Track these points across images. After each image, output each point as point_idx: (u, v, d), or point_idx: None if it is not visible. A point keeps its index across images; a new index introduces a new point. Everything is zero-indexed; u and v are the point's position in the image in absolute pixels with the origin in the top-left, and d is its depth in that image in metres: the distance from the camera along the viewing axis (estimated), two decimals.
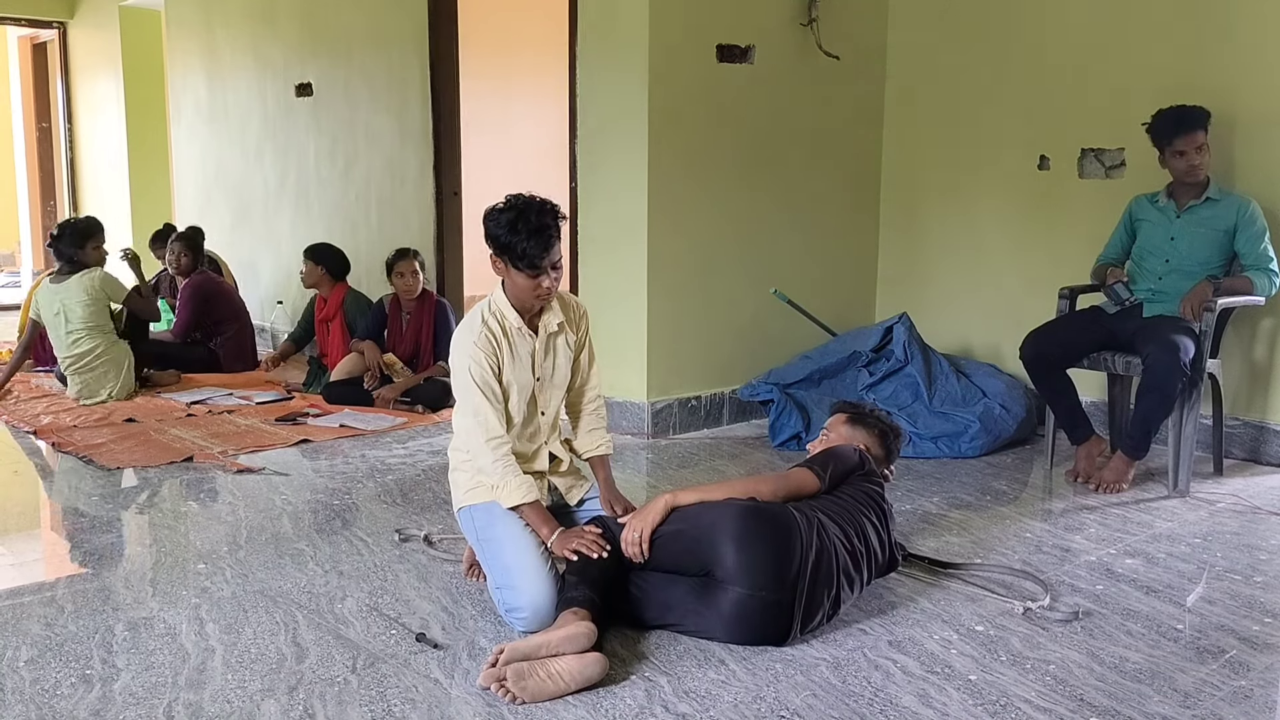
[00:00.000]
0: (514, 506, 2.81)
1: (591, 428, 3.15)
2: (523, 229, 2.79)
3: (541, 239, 2.80)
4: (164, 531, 3.63)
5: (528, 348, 2.95)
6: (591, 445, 3.15)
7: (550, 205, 2.86)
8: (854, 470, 3.00)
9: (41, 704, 2.38)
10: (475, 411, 2.84)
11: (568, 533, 2.80)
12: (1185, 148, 4.08)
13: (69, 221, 5.87)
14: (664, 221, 4.78)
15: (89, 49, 9.68)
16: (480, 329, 2.89)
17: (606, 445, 3.16)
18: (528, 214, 2.81)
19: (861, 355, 4.86)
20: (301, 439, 4.81)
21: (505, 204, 2.87)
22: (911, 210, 5.55)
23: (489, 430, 2.82)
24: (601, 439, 3.16)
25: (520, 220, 2.80)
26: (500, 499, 2.82)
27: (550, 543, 2.79)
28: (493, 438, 2.82)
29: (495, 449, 2.81)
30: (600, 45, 4.82)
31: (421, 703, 2.38)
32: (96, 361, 5.50)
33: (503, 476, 2.81)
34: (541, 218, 2.81)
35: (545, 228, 2.81)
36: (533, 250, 2.80)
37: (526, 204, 2.84)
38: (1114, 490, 4.02)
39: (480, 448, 2.82)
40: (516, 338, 2.92)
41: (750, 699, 2.41)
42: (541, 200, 2.86)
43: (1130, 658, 2.64)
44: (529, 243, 2.79)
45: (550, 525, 2.82)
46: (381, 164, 6.52)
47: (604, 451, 3.15)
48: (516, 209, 2.83)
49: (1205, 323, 3.97)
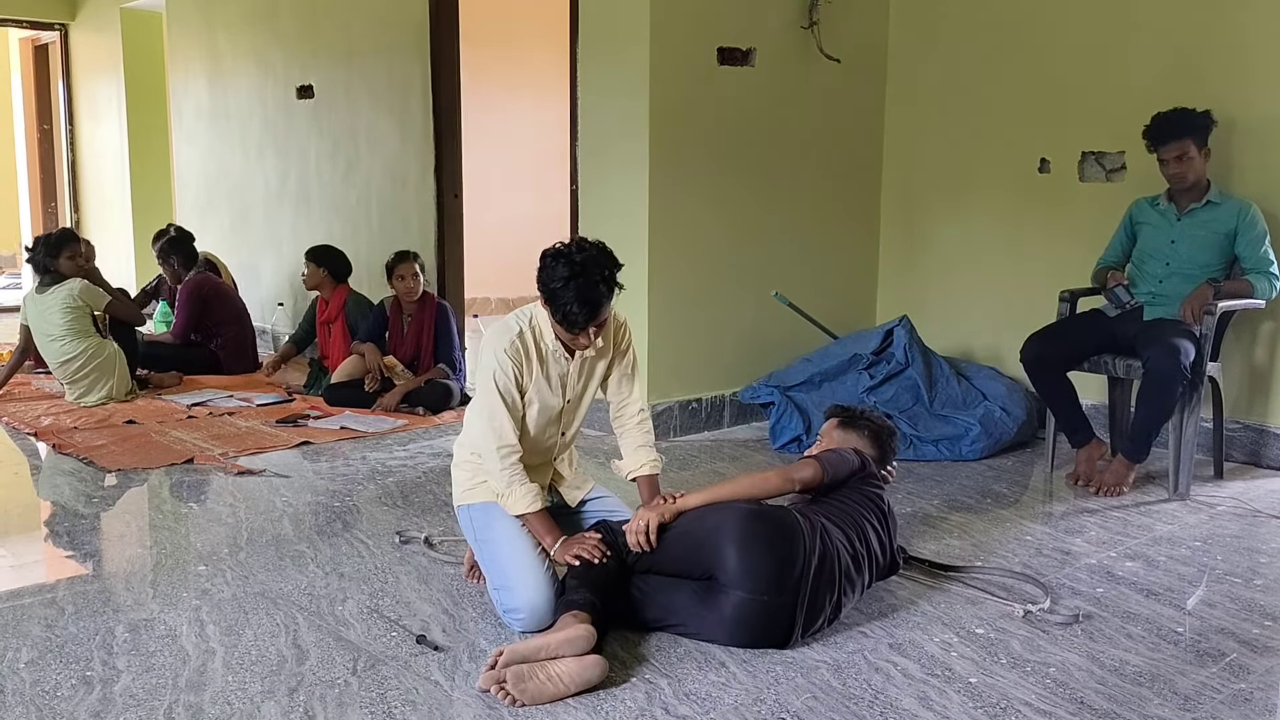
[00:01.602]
0: (519, 515, 2.80)
1: (639, 444, 3.04)
2: (573, 290, 2.66)
3: (589, 308, 2.69)
4: (164, 533, 3.64)
5: (560, 370, 2.89)
6: (637, 464, 3.03)
7: (610, 266, 2.72)
8: (855, 472, 2.99)
9: (42, 705, 2.38)
10: (491, 416, 2.80)
11: (569, 540, 2.79)
12: (1166, 156, 4.11)
13: (44, 235, 5.89)
14: (665, 223, 4.79)
15: (90, 51, 9.68)
16: (514, 339, 2.81)
17: (653, 465, 3.03)
18: (582, 276, 2.67)
19: (862, 358, 4.86)
20: (302, 441, 4.81)
21: (565, 251, 2.72)
22: (912, 213, 5.55)
23: (501, 438, 2.79)
24: (648, 457, 3.03)
25: (573, 280, 2.66)
26: (506, 506, 2.81)
27: (553, 551, 2.77)
28: (504, 445, 2.78)
29: (505, 457, 2.78)
30: (601, 47, 4.83)
31: (422, 705, 2.38)
32: (87, 366, 5.51)
33: (509, 484, 2.79)
34: (595, 287, 2.67)
35: (597, 298, 2.68)
36: (577, 316, 2.69)
37: (585, 263, 2.68)
38: (1114, 493, 4.03)
39: (490, 453, 2.80)
40: (551, 360, 2.86)
41: (751, 701, 2.41)
42: (602, 258, 2.71)
43: (1130, 661, 2.64)
44: (575, 307, 2.68)
45: (553, 534, 2.79)
46: (382, 166, 6.52)
47: (649, 471, 3.02)
48: (574, 266, 2.67)
49: (1206, 326, 3.98)
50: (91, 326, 5.59)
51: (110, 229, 9.52)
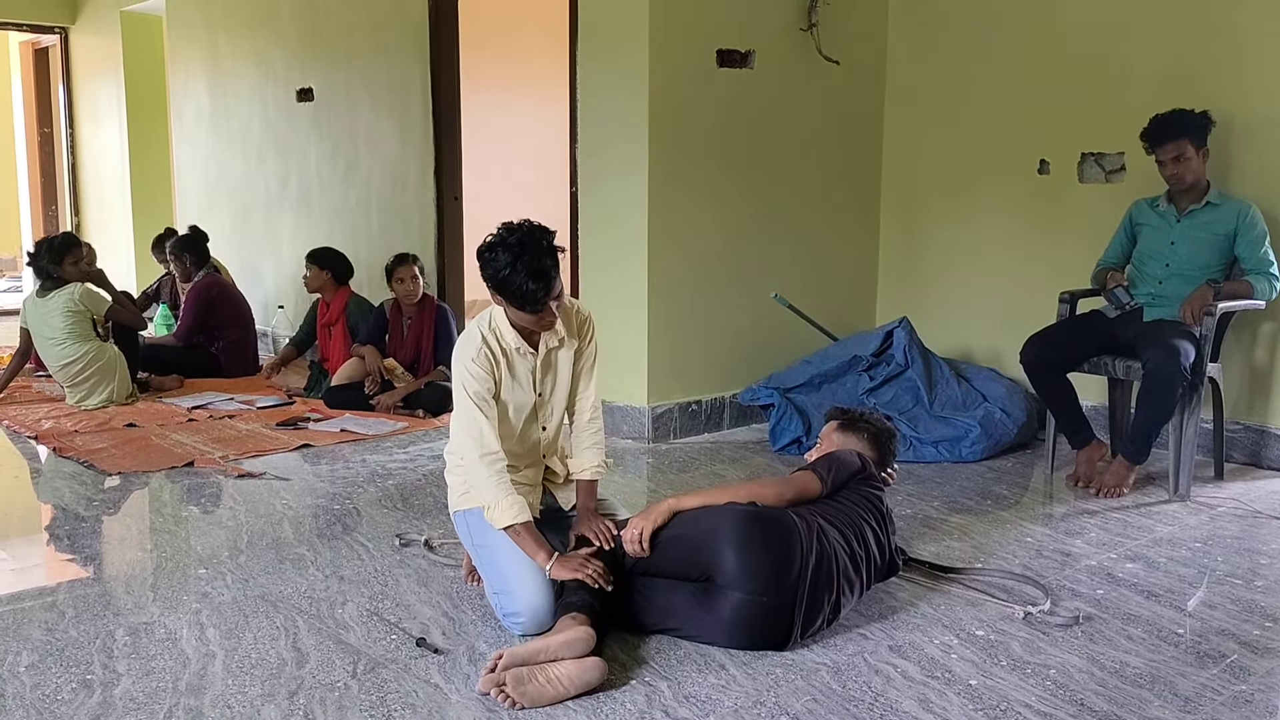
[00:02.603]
0: (506, 527, 2.74)
1: (587, 446, 3.01)
2: (522, 269, 2.66)
3: (542, 280, 2.67)
4: (165, 536, 3.64)
5: (527, 366, 2.88)
6: (579, 467, 3.00)
7: (548, 238, 2.72)
8: (855, 475, 2.99)
9: (42, 709, 2.38)
10: (468, 427, 2.78)
11: (565, 559, 2.73)
12: (1163, 158, 4.11)
13: (44, 240, 5.88)
14: (664, 225, 4.79)
15: (91, 54, 9.69)
16: (480, 346, 2.81)
17: (596, 470, 2.98)
18: (525, 254, 2.66)
19: (862, 360, 4.86)
20: (302, 444, 4.81)
21: (499, 239, 2.71)
22: (911, 214, 5.55)
23: (483, 445, 2.76)
24: (592, 461, 2.98)
25: (518, 261, 2.66)
26: (492, 518, 2.75)
27: (548, 569, 2.71)
28: (486, 453, 2.75)
29: (489, 465, 2.74)
30: (600, 49, 4.83)
31: (422, 708, 2.38)
32: (88, 370, 5.51)
33: (495, 495, 2.73)
34: (540, 258, 2.67)
35: (544, 269, 2.67)
36: (536, 291, 2.67)
37: (522, 242, 2.68)
38: (1114, 495, 4.02)
39: (475, 463, 2.77)
40: (515, 358, 2.86)
41: (750, 704, 2.41)
42: (537, 233, 2.71)
43: (1131, 662, 2.64)
44: (530, 284, 2.66)
45: (545, 550, 2.73)
46: (382, 169, 6.53)
47: (591, 477, 2.98)
48: (513, 249, 2.67)
49: (1206, 327, 3.97)
50: (92, 330, 5.60)
51: (110, 232, 9.53)
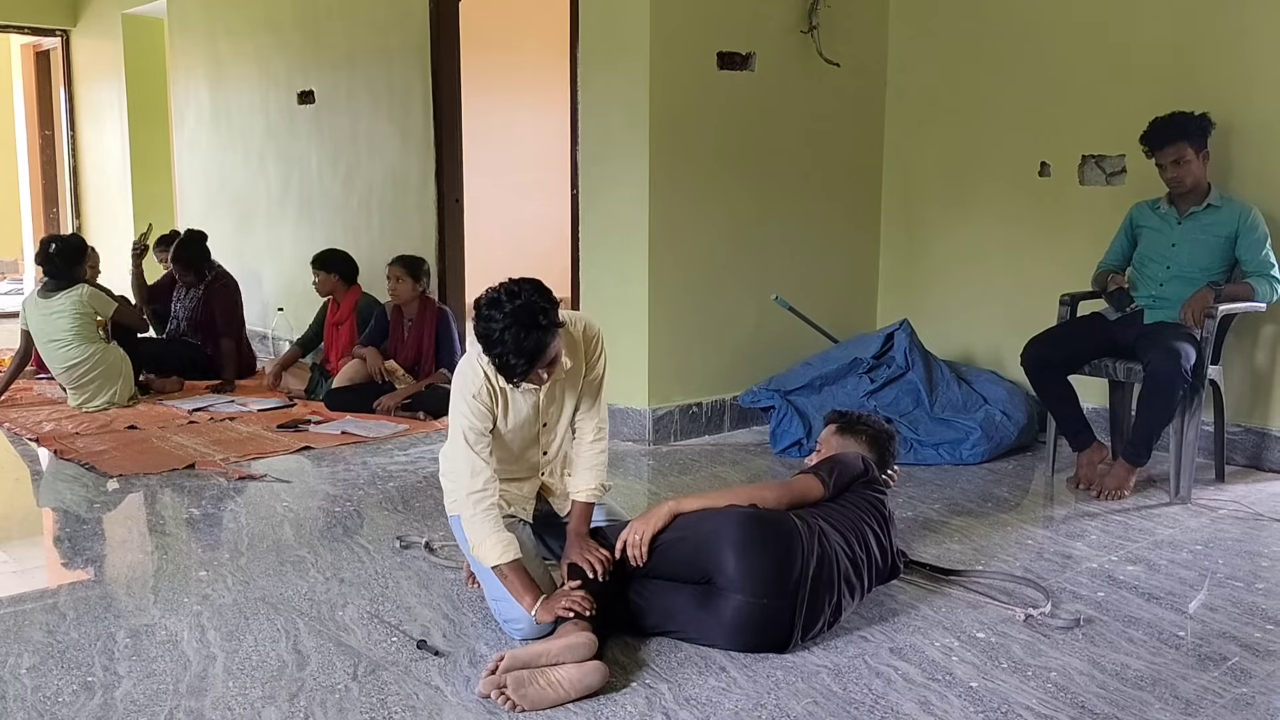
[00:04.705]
0: (493, 566, 2.68)
1: (588, 466, 2.89)
2: (510, 341, 2.53)
3: (526, 358, 2.56)
4: (165, 539, 3.64)
5: (531, 400, 2.82)
6: (575, 487, 2.90)
7: (546, 307, 2.57)
8: (858, 477, 2.99)
9: (43, 711, 2.38)
10: (462, 464, 2.72)
11: (550, 601, 2.65)
12: (1163, 161, 4.11)
13: (58, 240, 5.78)
14: (665, 228, 4.79)
15: (92, 57, 9.70)
16: (482, 383, 2.73)
17: (591, 492, 2.87)
18: (518, 325, 2.52)
19: (862, 362, 4.86)
20: (303, 446, 4.81)
21: (495, 300, 2.58)
22: (912, 217, 5.55)
23: (473, 484, 2.69)
24: (589, 483, 2.87)
25: (507, 332, 2.53)
26: (479, 556, 2.70)
27: (534, 612, 2.64)
28: (474, 491, 2.68)
29: (477, 503, 2.68)
30: (601, 52, 4.83)
31: (422, 710, 2.38)
32: (93, 372, 5.51)
33: (481, 532, 2.67)
34: (531, 334, 2.53)
35: (538, 348, 2.56)
36: (514, 367, 2.58)
37: (518, 311, 2.53)
38: (1115, 497, 4.02)
39: (463, 499, 2.71)
40: (516, 392, 2.78)
41: (751, 706, 2.41)
42: (536, 301, 2.55)
43: (1132, 665, 2.64)
44: (511, 358, 2.55)
45: (532, 594, 2.65)
46: (383, 171, 6.53)
47: (587, 499, 2.87)
48: (508, 317, 2.53)
49: (1206, 329, 3.97)
50: (95, 331, 5.60)
51: (111, 235, 9.53)
